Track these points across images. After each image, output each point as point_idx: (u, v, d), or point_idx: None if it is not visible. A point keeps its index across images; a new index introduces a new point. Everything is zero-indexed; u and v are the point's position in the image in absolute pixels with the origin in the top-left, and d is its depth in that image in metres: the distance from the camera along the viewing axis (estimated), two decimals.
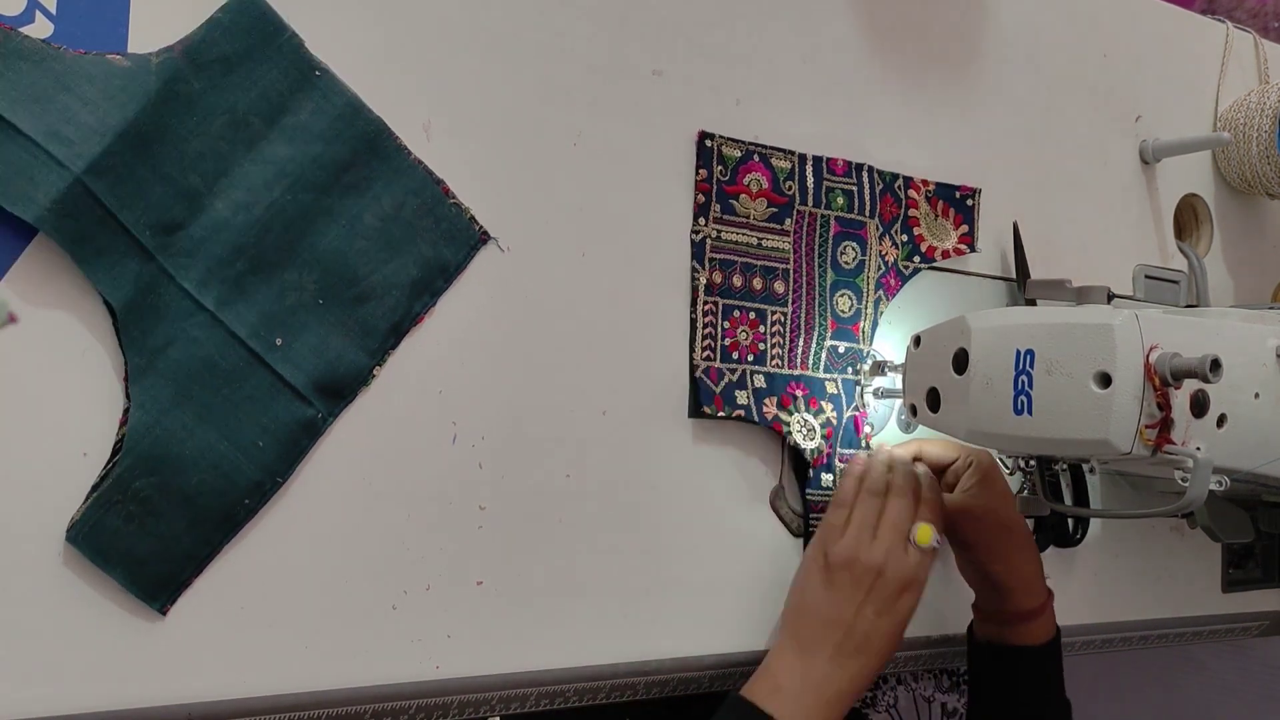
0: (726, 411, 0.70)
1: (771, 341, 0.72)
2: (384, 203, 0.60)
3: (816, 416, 0.73)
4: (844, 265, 0.75)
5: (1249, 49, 1.03)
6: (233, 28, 0.56)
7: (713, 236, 0.71)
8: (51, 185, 0.51)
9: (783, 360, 0.73)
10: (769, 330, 0.72)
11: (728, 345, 0.71)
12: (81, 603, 0.54)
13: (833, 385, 0.75)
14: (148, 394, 0.54)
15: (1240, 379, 0.61)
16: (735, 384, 0.70)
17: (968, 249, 0.82)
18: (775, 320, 0.72)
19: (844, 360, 0.76)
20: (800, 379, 0.73)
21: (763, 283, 0.72)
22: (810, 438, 0.72)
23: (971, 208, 0.82)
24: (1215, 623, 0.97)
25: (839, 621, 0.65)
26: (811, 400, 0.74)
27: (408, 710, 0.61)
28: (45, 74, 0.52)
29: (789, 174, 0.74)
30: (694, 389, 0.70)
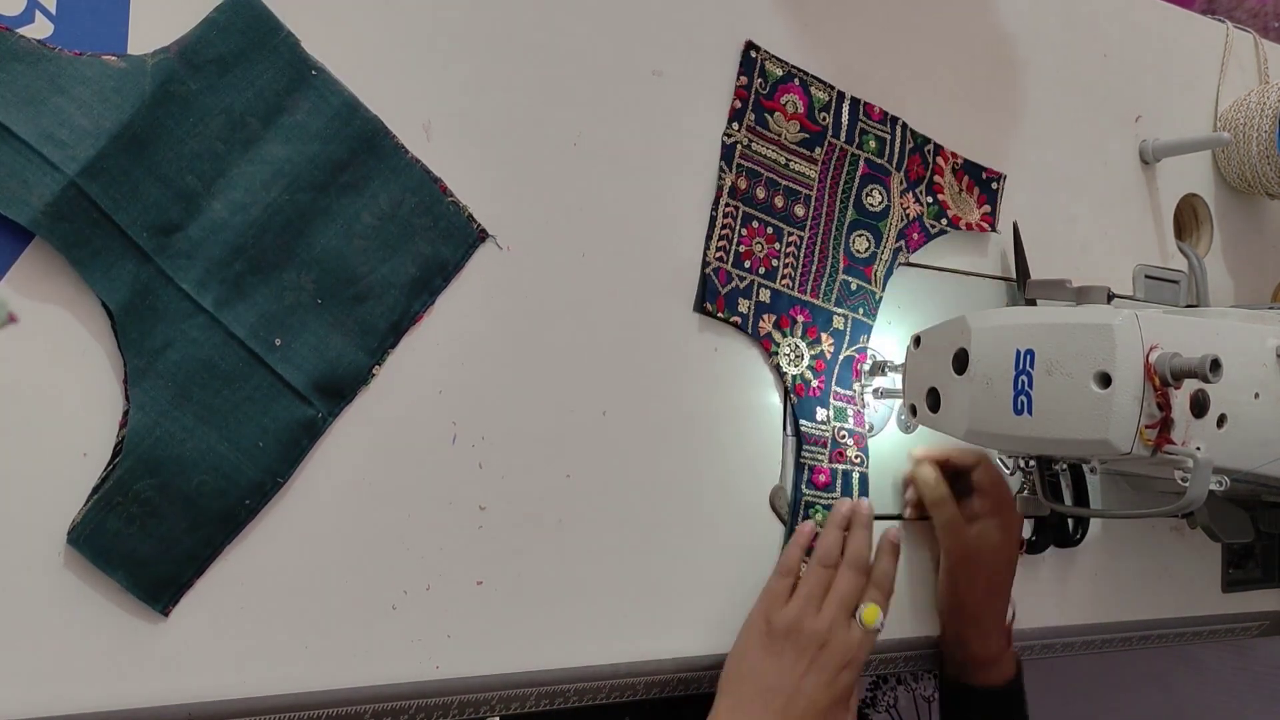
0: (725, 314, 0.71)
1: (784, 261, 0.73)
2: (381, 201, 0.60)
3: (811, 346, 0.74)
4: (868, 207, 0.76)
5: (1249, 49, 1.03)
6: (228, 28, 0.56)
7: (744, 144, 0.72)
8: (45, 188, 0.51)
9: (793, 282, 0.73)
10: (783, 249, 0.73)
11: (741, 252, 0.71)
12: (83, 603, 0.54)
13: (840, 320, 0.75)
14: (147, 395, 0.54)
15: (1240, 379, 0.61)
16: (741, 291, 0.71)
17: (989, 228, 0.83)
18: (791, 241, 0.73)
19: (855, 298, 0.76)
20: (805, 305, 0.74)
21: (784, 202, 0.73)
22: (795, 364, 0.73)
23: (996, 190, 0.83)
24: (1215, 623, 0.97)
25: (780, 689, 0.64)
26: (811, 329, 0.74)
27: (408, 710, 0.61)
28: (39, 75, 0.52)
29: (825, 105, 0.75)
30: (701, 284, 0.70)
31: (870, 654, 0.68)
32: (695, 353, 0.71)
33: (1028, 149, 0.87)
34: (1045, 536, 0.84)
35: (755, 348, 0.73)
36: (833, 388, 0.75)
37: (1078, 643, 0.88)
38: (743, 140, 0.72)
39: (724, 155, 0.72)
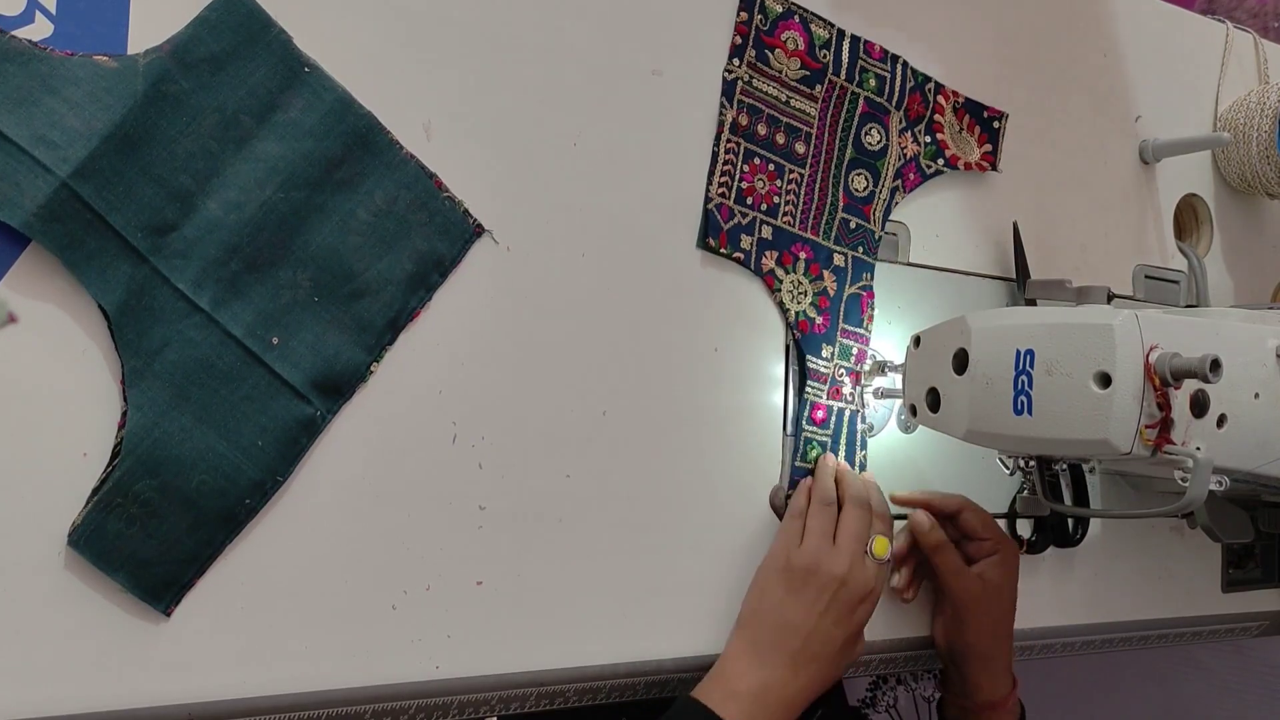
0: (729, 250, 0.71)
1: (785, 198, 0.73)
2: (377, 198, 0.60)
3: (814, 283, 0.74)
4: (867, 145, 0.76)
5: (1249, 49, 1.03)
6: (220, 26, 0.56)
7: (744, 79, 0.72)
8: (38, 190, 0.51)
9: (794, 219, 0.73)
10: (784, 186, 0.73)
11: (744, 189, 0.71)
12: (84, 603, 0.54)
13: (840, 258, 0.75)
14: (145, 396, 0.54)
15: (1240, 379, 0.61)
16: (743, 228, 0.71)
17: (990, 167, 0.83)
18: (792, 179, 0.73)
19: (854, 237, 0.76)
20: (807, 242, 0.74)
21: (785, 139, 0.73)
22: (798, 301, 0.73)
23: (997, 130, 0.84)
24: (1215, 623, 0.97)
25: (799, 628, 0.66)
26: (813, 266, 0.74)
27: (408, 710, 0.61)
28: (31, 76, 0.51)
29: (825, 43, 0.75)
30: (704, 220, 0.71)
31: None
32: (695, 353, 0.71)
33: (1028, 149, 0.87)
34: (1045, 536, 0.84)
35: (755, 347, 0.73)
36: (839, 325, 0.75)
37: (1078, 643, 0.88)
38: (743, 76, 0.72)
39: (724, 91, 0.72)
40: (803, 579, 0.67)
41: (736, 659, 0.67)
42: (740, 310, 0.73)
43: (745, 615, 0.69)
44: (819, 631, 0.66)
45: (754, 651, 0.66)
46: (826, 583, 0.66)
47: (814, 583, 0.66)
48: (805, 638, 0.66)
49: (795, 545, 0.68)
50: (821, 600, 0.66)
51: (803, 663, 0.66)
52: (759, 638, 0.67)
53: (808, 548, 0.68)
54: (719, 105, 0.72)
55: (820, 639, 0.66)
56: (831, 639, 0.66)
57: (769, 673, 0.65)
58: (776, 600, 0.67)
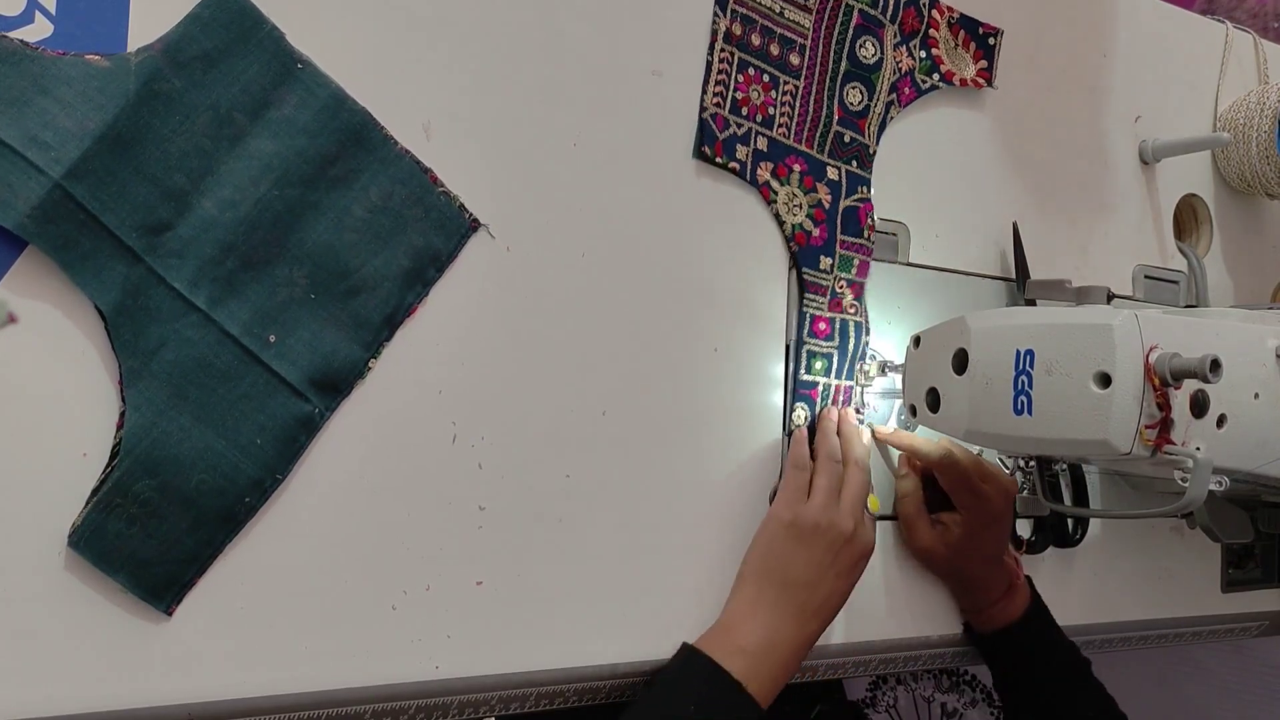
0: (724, 159, 0.71)
1: (780, 110, 0.73)
2: (372, 194, 0.60)
3: (808, 195, 0.74)
4: (862, 59, 0.76)
5: (1249, 49, 1.03)
6: (212, 23, 0.56)
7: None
8: (31, 192, 0.51)
9: (789, 131, 0.73)
10: (779, 98, 0.73)
11: (739, 99, 0.71)
12: (84, 603, 0.53)
13: (834, 172, 0.75)
14: (143, 396, 0.54)
15: (1240, 379, 0.61)
16: (739, 138, 0.71)
17: (985, 84, 0.83)
18: (786, 90, 0.73)
19: (849, 150, 0.76)
20: (802, 155, 0.74)
21: (780, 50, 0.73)
22: (794, 213, 0.73)
23: (993, 47, 0.84)
24: (1215, 623, 0.97)
25: (805, 582, 0.67)
26: (807, 179, 0.74)
27: (408, 710, 0.61)
28: (22, 77, 0.51)
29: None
30: (700, 130, 0.71)
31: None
32: (695, 353, 0.71)
33: (1028, 149, 0.87)
34: (1045, 537, 0.84)
35: (755, 347, 0.73)
36: (837, 236, 0.75)
37: (1078, 643, 0.88)
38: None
39: (717, 0, 0.72)
40: (811, 535, 0.67)
41: (742, 613, 0.67)
42: (740, 308, 0.73)
43: (749, 569, 0.69)
44: (825, 586, 0.67)
45: (760, 606, 0.67)
46: (834, 539, 0.67)
47: (822, 539, 0.67)
48: (812, 593, 0.66)
49: (801, 500, 0.69)
50: (829, 556, 0.67)
51: (808, 617, 0.67)
52: (765, 593, 0.67)
53: (815, 504, 0.68)
54: (711, 13, 0.71)
55: (825, 594, 0.67)
56: (836, 593, 0.68)
57: (775, 627, 0.66)
58: (782, 555, 0.68)
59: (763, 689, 0.64)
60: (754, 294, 0.73)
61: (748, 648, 0.65)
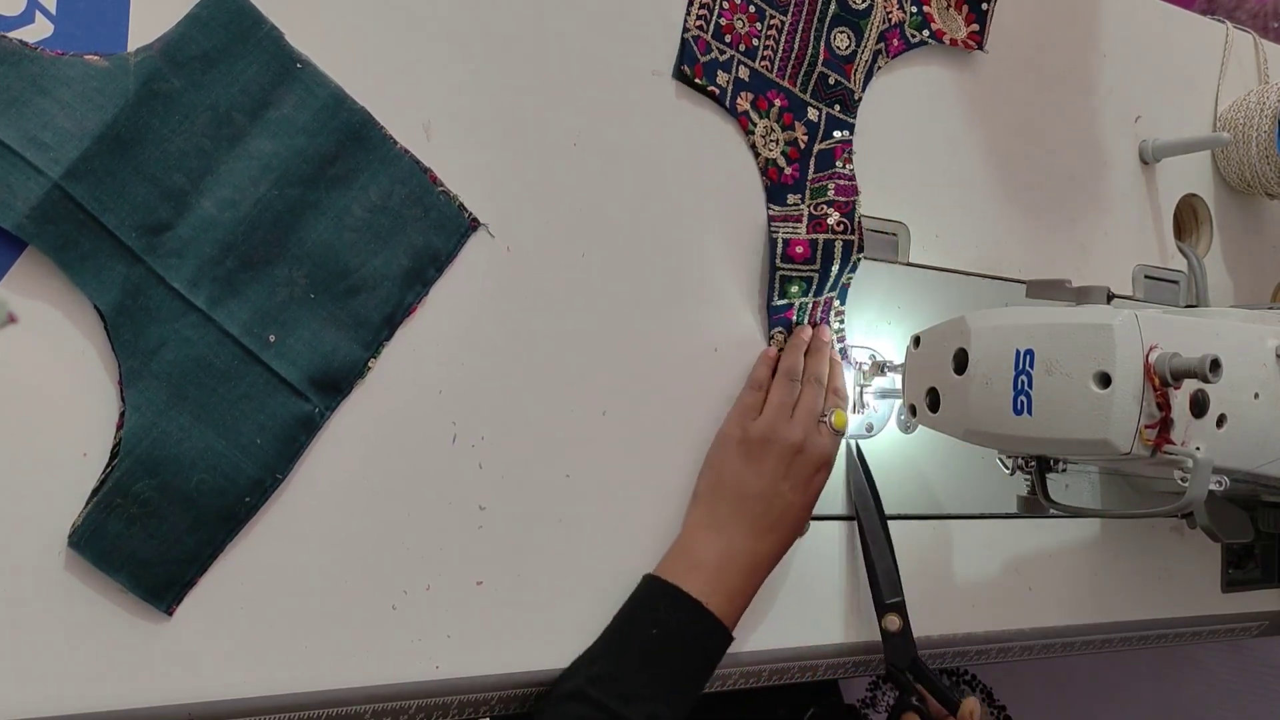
0: (704, 82, 0.70)
1: (765, 43, 0.72)
2: (371, 193, 0.60)
3: (785, 131, 0.73)
4: (852, 4, 0.75)
5: (1249, 49, 1.03)
6: (211, 23, 0.56)
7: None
8: (30, 192, 0.51)
9: (772, 65, 0.72)
10: (764, 30, 0.72)
11: (722, 25, 0.70)
12: (84, 603, 0.54)
13: (814, 113, 0.74)
14: (143, 396, 0.54)
15: (1240, 379, 0.61)
16: (720, 64, 0.70)
17: (976, 46, 0.83)
18: (772, 24, 0.72)
19: (832, 93, 0.75)
20: (783, 90, 0.73)
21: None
22: (770, 148, 0.72)
23: (986, 11, 0.83)
24: (1215, 623, 0.97)
25: (759, 496, 0.66)
26: (787, 115, 0.73)
27: (408, 710, 0.61)
28: (21, 77, 0.51)
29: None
30: (680, 50, 0.70)
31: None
32: (695, 353, 0.71)
33: (1028, 149, 0.87)
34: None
35: (757, 347, 0.73)
36: (809, 174, 0.74)
37: (1078, 643, 0.88)
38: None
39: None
40: (760, 448, 0.67)
41: (695, 532, 0.67)
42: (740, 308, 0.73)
43: (702, 489, 0.69)
44: (779, 498, 0.67)
45: (713, 523, 0.67)
46: (783, 451, 0.67)
47: (771, 451, 0.67)
48: (765, 505, 0.66)
49: (752, 417, 0.69)
50: (780, 468, 0.67)
51: (763, 530, 0.66)
52: (717, 510, 0.67)
53: (765, 419, 0.68)
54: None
55: (780, 506, 0.67)
56: (791, 505, 0.67)
57: (729, 541, 0.66)
58: (734, 471, 0.67)
59: (725, 605, 0.64)
60: (755, 294, 0.73)
61: (704, 564, 0.65)
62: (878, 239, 0.78)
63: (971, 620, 0.81)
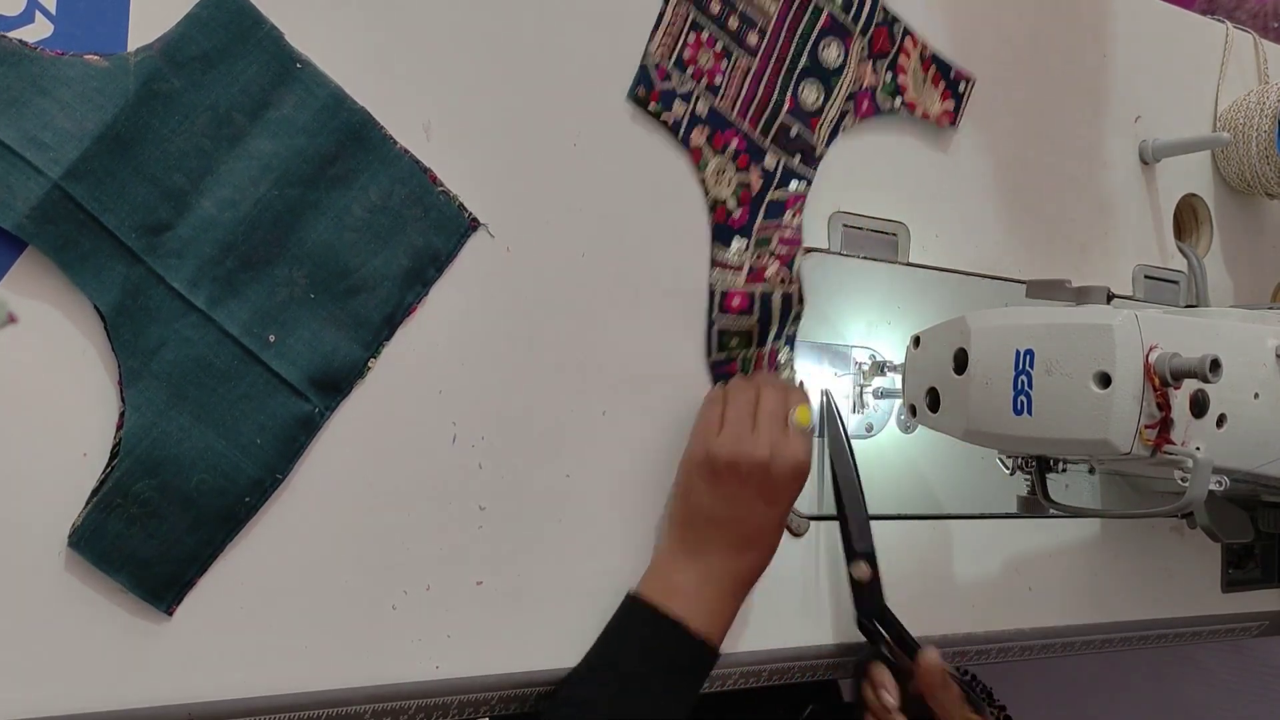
0: (659, 108, 0.68)
1: (729, 81, 0.70)
2: (371, 193, 0.60)
3: (739, 174, 0.71)
4: (823, 60, 0.73)
5: (1249, 49, 1.03)
6: (211, 23, 0.56)
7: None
8: (30, 192, 0.51)
9: (733, 105, 0.70)
10: (730, 69, 0.70)
11: (685, 57, 0.69)
12: (84, 603, 0.54)
13: (772, 160, 0.72)
14: (143, 396, 0.54)
15: (1240, 379, 0.61)
16: (679, 94, 0.69)
17: (949, 124, 0.81)
18: (739, 66, 0.70)
19: (794, 144, 0.73)
20: (743, 133, 0.71)
21: (738, 25, 0.70)
22: (721, 187, 0.70)
23: (962, 94, 0.81)
24: (1215, 623, 0.97)
25: (732, 519, 0.64)
26: (743, 158, 0.71)
27: (408, 710, 0.61)
28: (21, 77, 0.51)
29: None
30: (640, 72, 0.68)
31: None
32: (695, 352, 0.71)
33: (1027, 149, 0.87)
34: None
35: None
36: (758, 221, 0.72)
37: (1078, 643, 0.88)
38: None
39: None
40: (728, 471, 0.64)
41: (674, 555, 0.66)
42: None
43: (675, 513, 0.67)
44: (753, 516, 0.65)
45: (688, 549, 0.65)
46: (751, 470, 0.64)
47: (739, 473, 0.64)
48: (739, 526, 0.65)
49: (714, 434, 0.65)
50: (750, 488, 0.64)
51: (740, 549, 0.65)
52: (692, 533, 0.65)
53: (727, 435, 0.65)
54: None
55: (755, 523, 0.65)
56: (767, 520, 0.65)
57: (708, 564, 0.64)
58: (703, 497, 0.65)
59: (708, 624, 0.63)
60: None
61: (684, 587, 0.64)
62: (878, 239, 0.78)
63: (971, 620, 0.82)
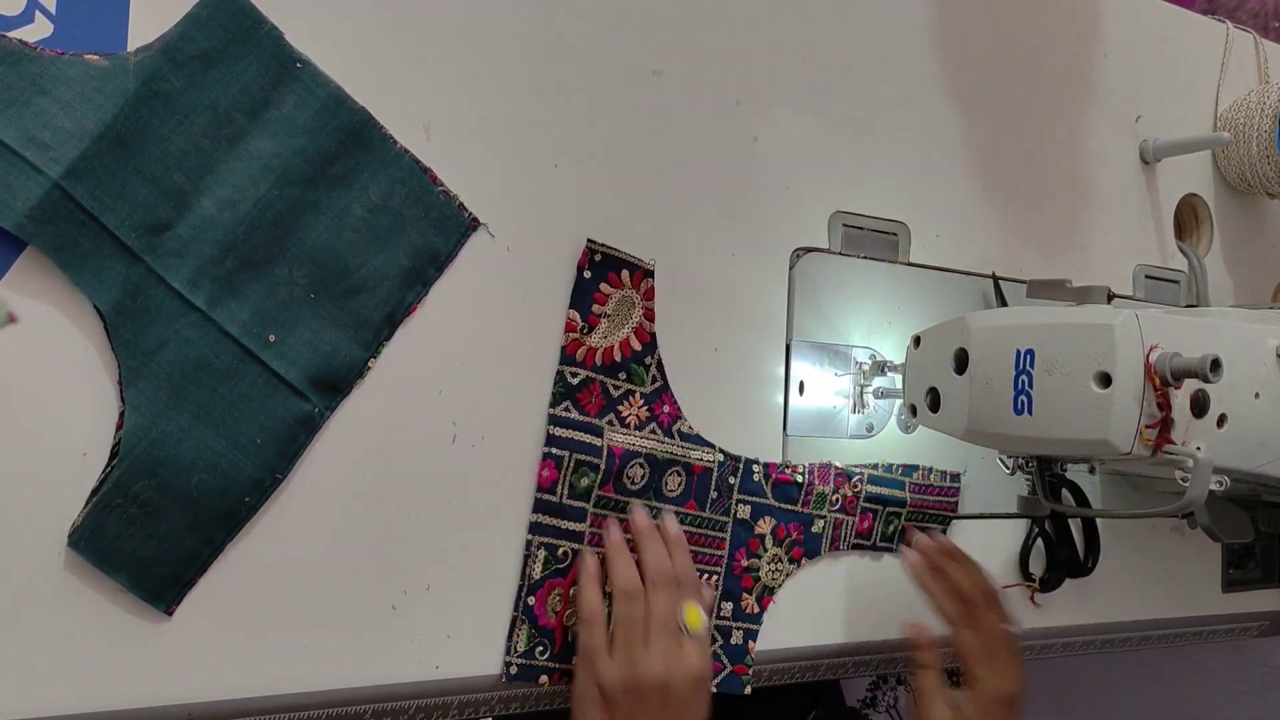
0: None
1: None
2: (371, 193, 0.60)
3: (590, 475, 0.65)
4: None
5: (1249, 49, 1.03)
6: (211, 23, 0.56)
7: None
8: (29, 192, 0.51)
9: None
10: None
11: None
12: (84, 603, 0.53)
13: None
14: (142, 396, 0.54)
15: (1240, 379, 0.61)
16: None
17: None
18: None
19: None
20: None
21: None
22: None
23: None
24: (1215, 623, 0.97)
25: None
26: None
27: (408, 710, 0.61)
28: (21, 77, 0.51)
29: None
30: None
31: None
32: (695, 352, 0.71)
33: (1028, 149, 0.87)
34: (1059, 572, 0.84)
35: (755, 347, 0.73)
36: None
37: (1078, 643, 0.88)
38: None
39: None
40: (625, 702, 0.59)
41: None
42: (740, 308, 0.73)
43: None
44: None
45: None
46: (646, 695, 0.59)
47: (635, 701, 0.59)
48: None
49: (602, 660, 0.60)
50: (649, 713, 0.59)
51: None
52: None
53: (617, 661, 0.60)
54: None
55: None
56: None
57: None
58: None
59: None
60: (754, 294, 0.73)
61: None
62: (878, 239, 0.78)
63: None
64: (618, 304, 0.66)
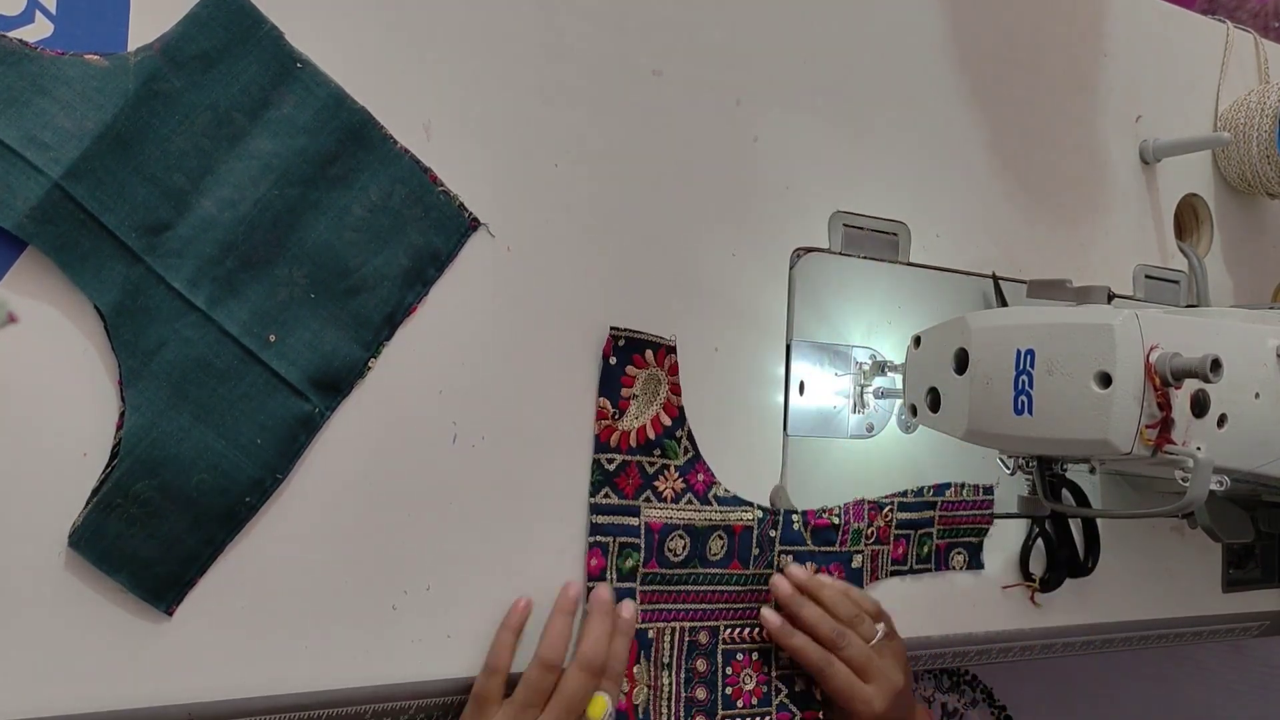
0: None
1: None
2: (371, 193, 0.60)
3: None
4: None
5: (1249, 49, 1.03)
6: (211, 23, 0.56)
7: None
8: (30, 192, 0.51)
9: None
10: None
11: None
12: (85, 603, 0.53)
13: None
14: (142, 396, 0.54)
15: (1240, 379, 0.61)
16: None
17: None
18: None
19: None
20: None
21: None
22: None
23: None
24: (1215, 623, 0.97)
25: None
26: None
27: (408, 710, 0.61)
28: (21, 77, 0.51)
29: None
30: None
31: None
32: (695, 352, 0.71)
33: (1028, 149, 0.87)
34: (1059, 572, 0.84)
35: (756, 347, 0.73)
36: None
37: (1078, 643, 0.88)
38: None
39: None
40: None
41: None
42: (740, 308, 0.73)
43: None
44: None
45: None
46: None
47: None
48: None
49: (492, 712, 0.60)
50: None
51: None
52: None
53: (503, 717, 0.59)
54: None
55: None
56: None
57: None
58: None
59: None
60: (754, 294, 0.73)
61: None
62: (878, 239, 0.78)
63: (971, 620, 0.82)
64: (644, 383, 0.68)
